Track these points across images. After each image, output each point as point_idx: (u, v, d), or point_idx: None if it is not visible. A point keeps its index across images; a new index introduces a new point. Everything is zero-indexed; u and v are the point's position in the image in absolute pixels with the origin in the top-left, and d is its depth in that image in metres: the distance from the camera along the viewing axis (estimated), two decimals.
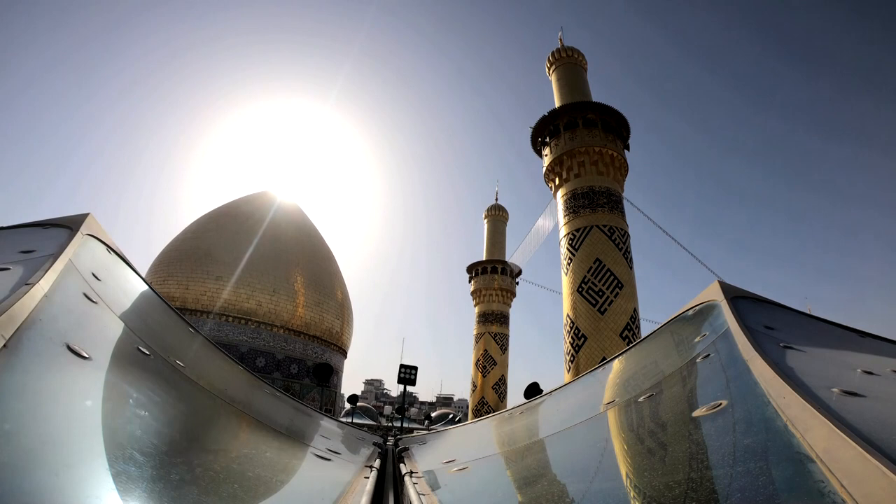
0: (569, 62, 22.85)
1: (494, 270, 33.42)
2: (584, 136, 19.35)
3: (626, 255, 18.04)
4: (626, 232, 18.49)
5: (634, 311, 17.17)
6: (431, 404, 79.72)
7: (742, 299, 2.32)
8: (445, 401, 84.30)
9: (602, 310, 16.88)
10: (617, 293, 17.02)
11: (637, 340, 3.52)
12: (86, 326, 1.59)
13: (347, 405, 32.60)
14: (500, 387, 30.81)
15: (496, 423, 4.43)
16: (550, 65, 23.21)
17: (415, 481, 2.15)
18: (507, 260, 33.78)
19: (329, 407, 30.16)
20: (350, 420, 19.31)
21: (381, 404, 65.61)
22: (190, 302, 26.94)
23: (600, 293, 17.09)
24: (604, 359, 8.67)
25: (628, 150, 20.38)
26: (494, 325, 32.29)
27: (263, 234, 30.68)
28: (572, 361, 16.93)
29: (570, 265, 18.20)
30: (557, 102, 21.75)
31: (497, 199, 37.77)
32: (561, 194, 19.67)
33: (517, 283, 34.13)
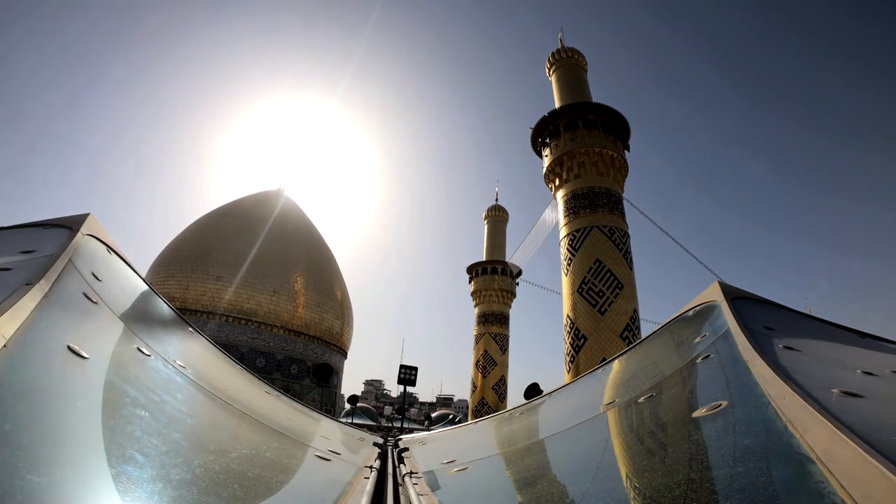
0: (569, 63, 22.86)
1: (494, 271, 33.42)
2: (585, 137, 19.36)
3: (626, 255, 18.04)
4: (626, 232, 18.50)
5: (634, 311, 17.17)
6: (431, 405, 79.73)
7: (742, 300, 2.32)
8: (445, 401, 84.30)
9: (602, 310, 16.88)
10: (617, 294, 17.03)
11: (637, 341, 3.52)
12: (86, 326, 1.59)
13: (347, 405, 32.61)
14: (500, 387, 30.81)
15: (496, 423, 4.43)
16: (550, 65, 23.23)
17: (415, 482, 2.15)
18: (507, 260, 33.79)
19: (329, 407, 30.15)
20: (350, 420, 19.31)
21: (382, 405, 65.62)
22: (190, 302, 26.96)
23: (600, 294, 17.10)
24: (604, 359, 8.66)
25: (628, 150, 20.39)
26: (494, 325, 32.30)
27: (264, 234, 30.69)
28: (572, 362, 16.93)
29: (570, 266, 18.20)
30: (557, 103, 21.76)
31: (497, 200, 37.83)
32: (561, 195, 19.68)
33: (517, 284, 34.14)
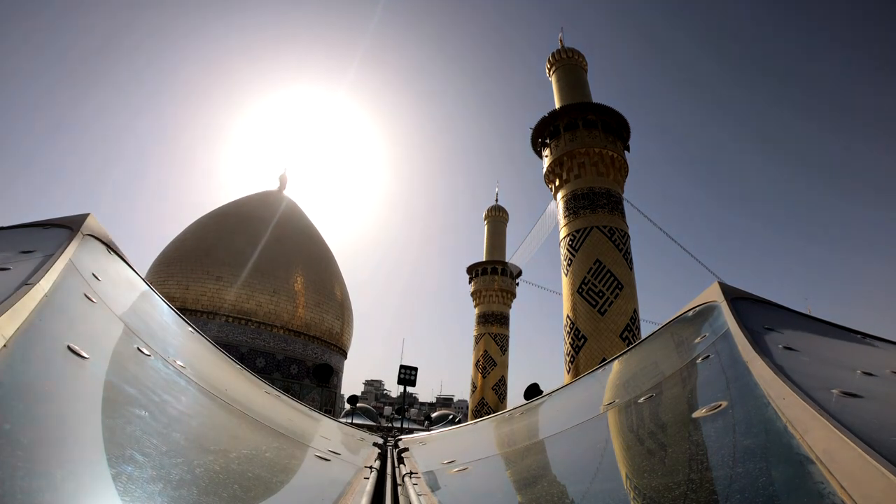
0: (569, 63, 22.87)
1: (494, 271, 33.42)
2: (585, 138, 19.36)
3: (626, 255, 18.04)
4: (626, 233, 18.50)
5: (634, 311, 17.17)
6: (431, 405, 79.71)
7: (742, 300, 2.32)
8: (445, 402, 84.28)
9: (602, 311, 16.88)
10: (617, 294, 17.03)
11: (637, 341, 3.52)
12: (86, 326, 1.59)
13: (347, 406, 32.60)
14: (500, 388, 30.80)
15: (496, 423, 4.43)
16: (551, 66, 23.23)
17: (414, 482, 2.15)
18: (507, 261, 33.79)
19: (329, 407, 30.15)
20: (350, 420, 19.31)
21: (381, 405, 65.61)
22: (190, 302, 26.96)
23: (600, 294, 17.10)
24: (604, 359, 8.67)
25: (628, 150, 20.39)
26: (494, 325, 32.30)
27: (264, 234, 30.70)
28: (572, 362, 16.93)
29: (570, 266, 18.21)
30: (558, 103, 21.77)
31: (497, 200, 37.82)
32: (561, 195, 19.68)
33: (517, 284, 34.14)
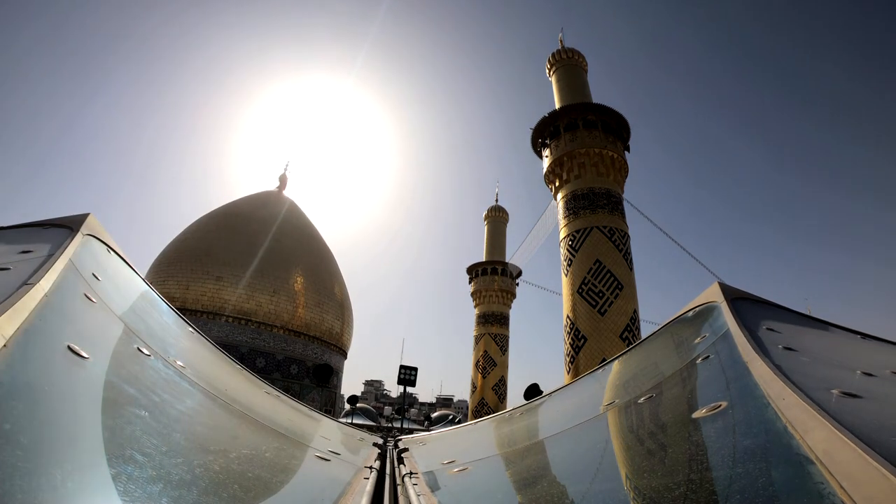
0: (569, 63, 22.87)
1: (494, 271, 33.42)
2: (585, 138, 19.36)
3: (626, 256, 18.04)
4: (626, 233, 18.50)
5: (634, 312, 17.17)
6: (431, 405, 79.68)
7: (742, 300, 2.32)
8: (445, 402, 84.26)
9: (602, 311, 16.87)
10: (617, 294, 17.02)
11: (637, 342, 3.52)
12: (86, 326, 1.59)
13: (347, 406, 32.59)
14: (500, 388, 30.79)
15: (496, 424, 4.43)
16: (551, 66, 23.23)
17: (414, 482, 2.15)
18: (507, 261, 33.79)
19: (329, 408, 30.15)
20: (350, 421, 19.30)
21: (381, 405, 65.56)
22: (190, 302, 26.96)
23: (600, 294, 17.10)
24: (604, 360, 8.67)
25: (628, 151, 20.40)
26: (494, 326, 32.29)
27: (264, 234, 30.70)
28: (572, 362, 16.93)
29: (570, 266, 18.20)
30: (558, 104, 21.77)
31: (497, 200, 37.81)
32: (561, 195, 19.68)
33: (517, 285, 34.14)
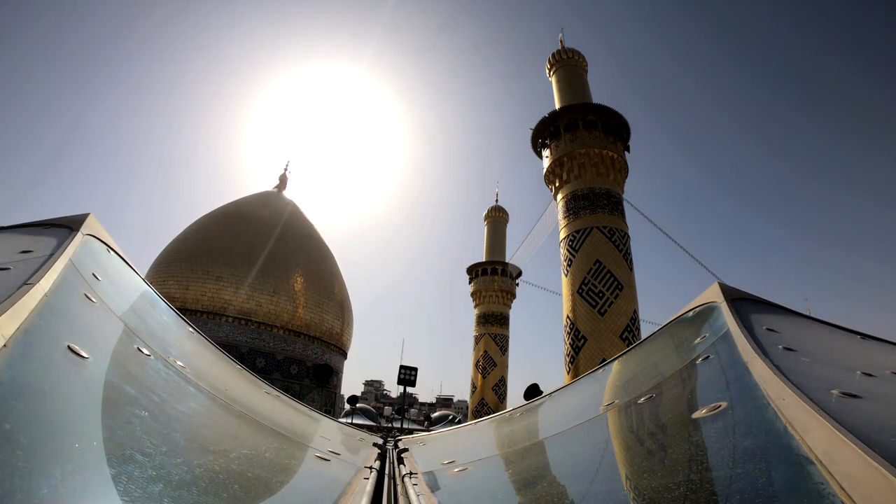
0: (569, 63, 22.86)
1: (494, 272, 33.41)
2: (585, 138, 19.35)
3: (627, 256, 18.04)
4: (626, 233, 18.49)
5: (634, 312, 17.16)
6: (431, 405, 79.66)
7: (742, 301, 2.32)
8: (445, 402, 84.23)
9: (602, 311, 16.87)
10: (617, 294, 17.02)
11: (637, 342, 3.52)
12: (86, 326, 1.59)
13: (347, 406, 32.58)
14: (500, 388, 30.78)
15: (496, 424, 4.43)
16: (551, 66, 23.22)
17: (414, 482, 2.15)
18: (507, 261, 33.78)
19: (329, 408, 30.15)
20: (350, 421, 19.30)
21: (381, 405, 65.52)
22: (190, 302, 26.95)
23: (600, 294, 17.09)
24: (604, 360, 8.66)
25: (629, 151, 20.39)
26: (494, 326, 32.28)
27: (264, 234, 30.70)
28: (572, 363, 16.92)
29: (570, 266, 18.20)
30: (558, 104, 21.76)
31: (497, 201, 37.80)
32: (561, 196, 19.68)
33: (517, 285, 34.13)
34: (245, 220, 31.59)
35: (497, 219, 36.65)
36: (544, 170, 20.79)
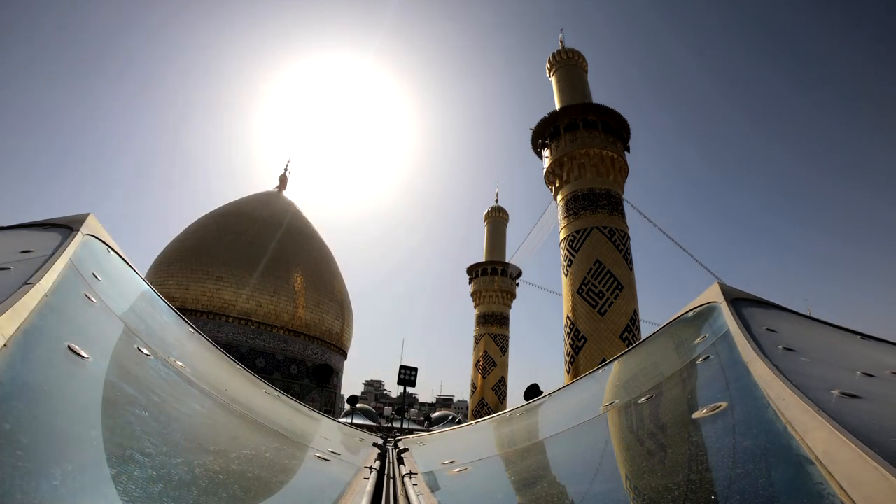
0: (569, 64, 22.86)
1: (494, 272, 33.41)
2: (585, 138, 19.36)
3: (627, 256, 18.04)
4: (626, 233, 18.49)
5: (634, 312, 17.16)
6: (431, 405, 79.65)
7: (742, 301, 2.33)
8: (445, 402, 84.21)
9: (602, 311, 16.87)
10: (617, 294, 17.02)
11: (637, 342, 3.52)
12: (86, 326, 1.59)
13: (347, 406, 32.58)
14: (500, 388, 30.77)
15: (496, 424, 4.43)
16: (551, 66, 23.22)
17: (414, 482, 2.15)
18: (507, 261, 33.77)
19: (329, 408, 30.15)
20: (350, 421, 19.29)
21: (381, 405, 65.50)
22: (190, 302, 26.95)
23: (600, 294, 17.09)
24: (604, 360, 8.65)
25: (629, 151, 20.39)
26: (494, 326, 32.28)
27: (264, 234, 30.70)
28: (572, 363, 16.92)
29: (570, 266, 18.20)
30: (558, 104, 21.76)
31: (497, 201, 37.79)
32: (561, 196, 19.68)
33: (517, 285, 34.12)
34: (245, 220, 31.59)
35: (497, 219, 36.64)
36: (544, 170, 20.79)
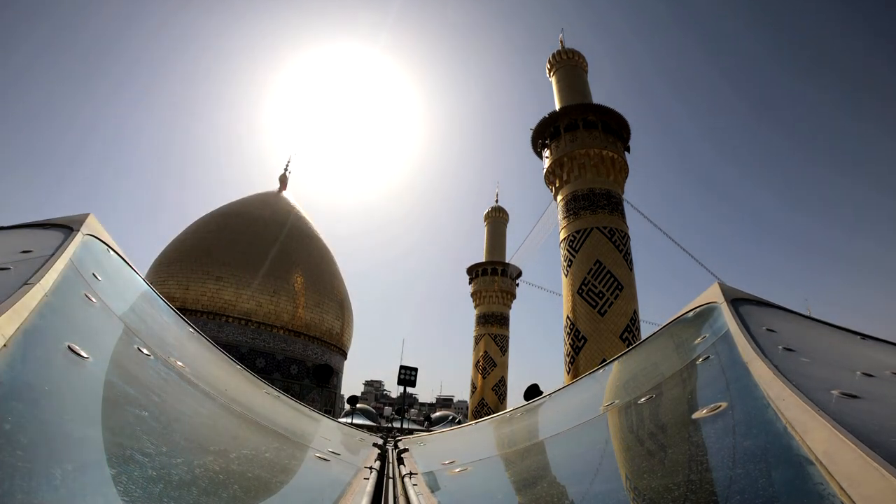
0: (569, 64, 22.86)
1: (494, 272, 33.40)
2: (585, 138, 19.35)
3: (627, 256, 18.03)
4: (626, 234, 18.49)
5: (634, 312, 17.15)
6: (431, 405, 79.64)
7: (742, 301, 2.33)
8: (445, 402, 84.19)
9: (602, 311, 16.86)
10: (617, 295, 17.01)
11: (637, 342, 3.52)
12: (86, 326, 1.59)
13: (347, 406, 32.58)
14: (500, 388, 30.77)
15: (496, 424, 4.44)
16: (551, 67, 23.22)
17: (414, 482, 2.15)
18: (507, 261, 33.77)
19: (329, 408, 30.13)
20: (350, 421, 19.28)
21: (381, 405, 65.49)
22: (190, 302, 26.94)
23: (600, 295, 17.09)
24: (604, 360, 8.65)
25: (629, 151, 20.38)
26: (494, 326, 32.27)
27: (264, 234, 30.70)
28: (572, 363, 16.92)
29: (570, 267, 18.20)
30: (558, 104, 21.76)
31: (497, 201, 37.78)
32: (561, 196, 19.67)
33: (517, 285, 34.12)
34: (245, 221, 31.58)
35: (497, 219, 36.64)
36: (544, 170, 20.78)
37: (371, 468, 2.49)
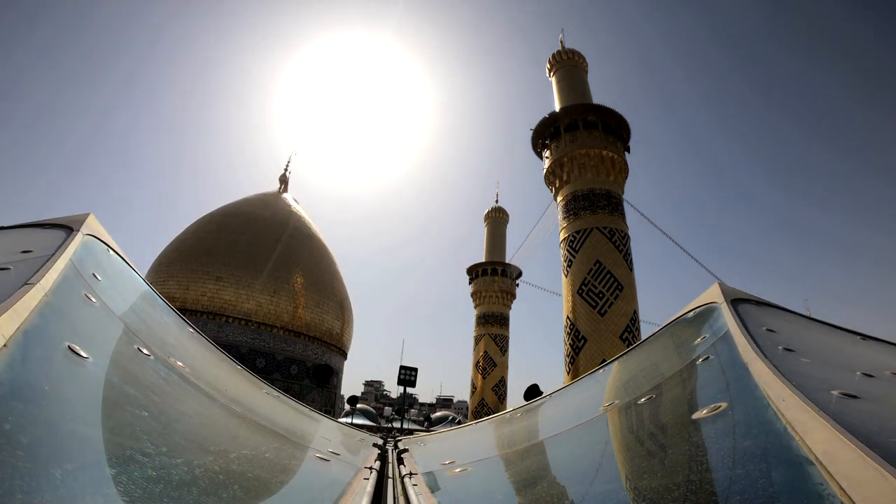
0: (569, 64, 22.87)
1: (494, 272, 33.40)
2: (585, 139, 19.36)
3: (627, 256, 18.04)
4: (626, 234, 18.49)
5: (634, 312, 17.16)
6: (431, 406, 79.63)
7: (742, 301, 2.33)
8: (445, 402, 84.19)
9: (602, 311, 16.86)
10: (617, 295, 17.01)
11: (637, 342, 3.52)
12: (86, 326, 1.59)
13: (347, 406, 32.57)
14: (500, 388, 30.77)
15: (496, 424, 4.44)
16: (551, 67, 23.23)
17: (414, 482, 2.15)
18: (507, 262, 33.77)
19: (329, 408, 30.12)
20: (350, 421, 19.28)
21: (381, 405, 65.49)
22: (190, 302, 26.93)
23: (600, 295, 17.09)
24: (604, 361, 8.65)
25: (629, 151, 20.39)
26: (494, 326, 32.27)
27: (264, 234, 30.69)
28: (572, 363, 16.92)
29: (570, 267, 18.20)
30: (558, 105, 21.76)
31: (497, 201, 37.80)
32: (561, 196, 19.68)
33: (517, 285, 34.12)
34: (245, 221, 31.58)
35: (497, 219, 36.64)
36: (544, 170, 20.79)
37: (371, 468, 2.49)
